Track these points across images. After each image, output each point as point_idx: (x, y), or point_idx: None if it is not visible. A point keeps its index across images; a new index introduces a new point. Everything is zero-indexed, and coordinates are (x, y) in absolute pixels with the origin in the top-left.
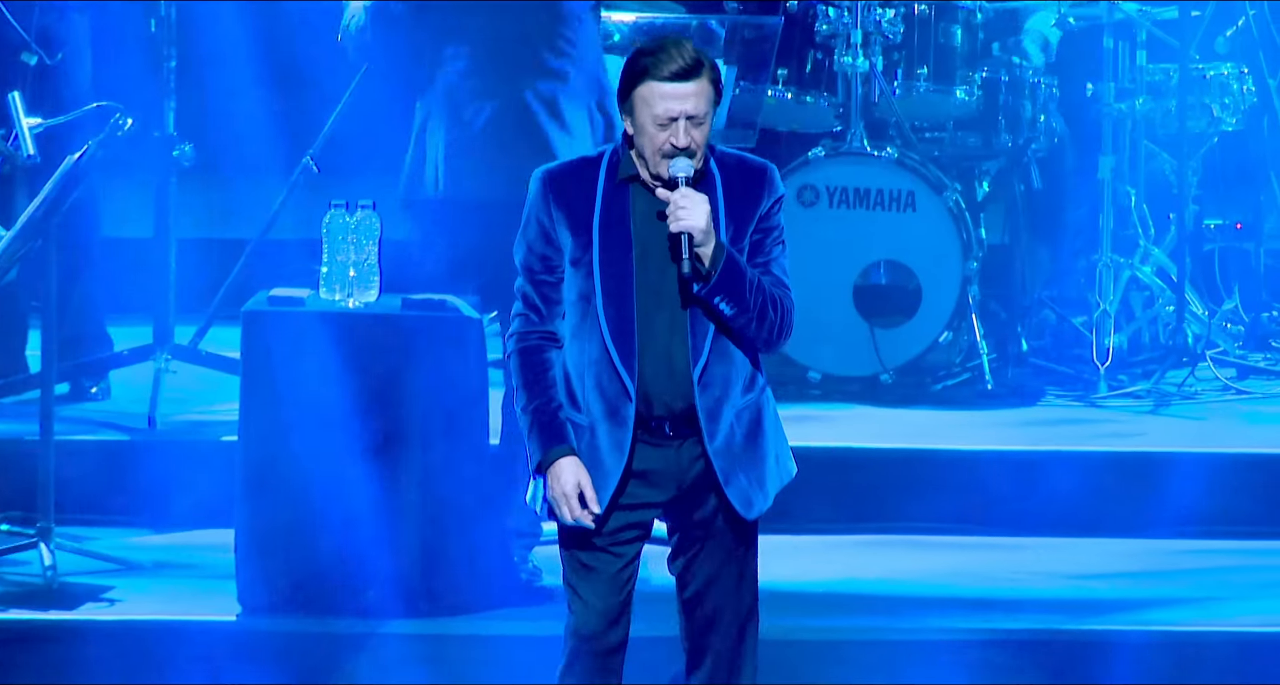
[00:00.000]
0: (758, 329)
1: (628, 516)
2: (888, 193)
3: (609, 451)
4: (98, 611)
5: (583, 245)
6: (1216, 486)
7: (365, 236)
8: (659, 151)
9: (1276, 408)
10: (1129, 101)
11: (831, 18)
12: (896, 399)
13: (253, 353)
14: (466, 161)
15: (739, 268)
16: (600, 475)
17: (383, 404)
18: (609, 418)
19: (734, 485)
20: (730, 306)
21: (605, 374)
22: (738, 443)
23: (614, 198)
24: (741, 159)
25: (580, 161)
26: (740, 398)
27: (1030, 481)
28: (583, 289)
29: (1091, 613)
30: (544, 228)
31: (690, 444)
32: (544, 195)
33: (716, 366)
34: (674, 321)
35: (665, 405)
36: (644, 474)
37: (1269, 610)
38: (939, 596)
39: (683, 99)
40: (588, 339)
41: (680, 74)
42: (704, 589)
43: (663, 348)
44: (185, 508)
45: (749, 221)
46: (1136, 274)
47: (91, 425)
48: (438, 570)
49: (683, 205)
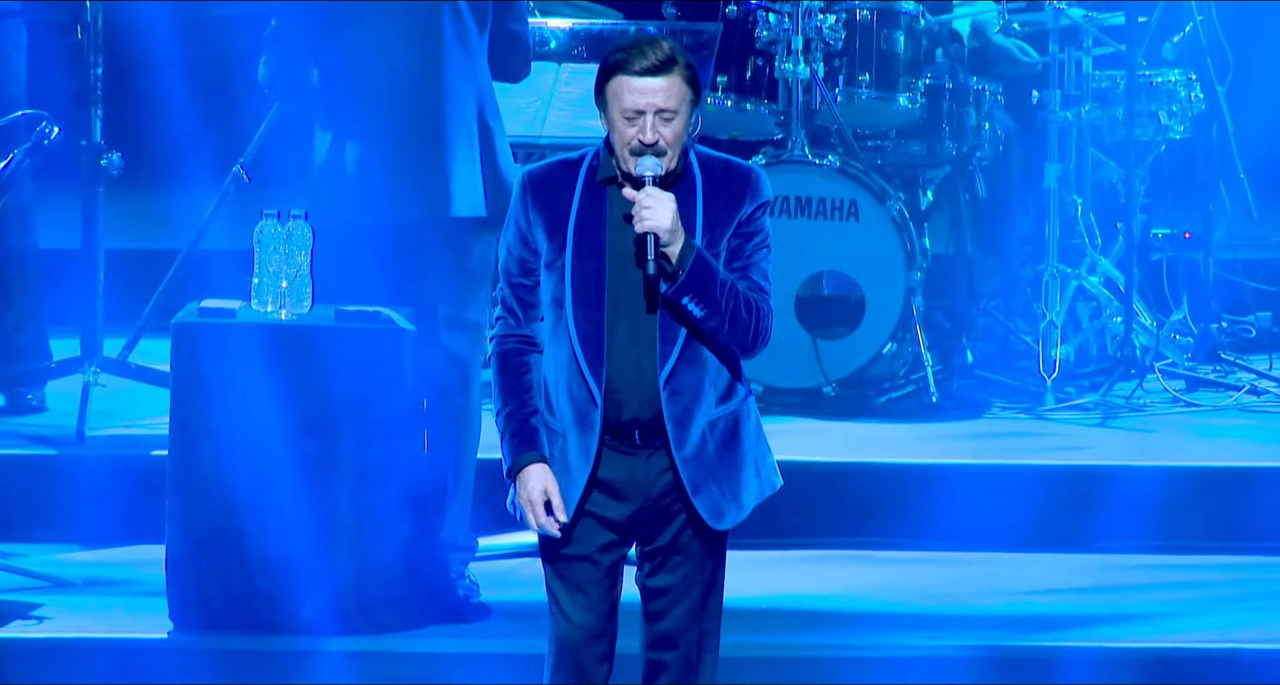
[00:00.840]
0: (731, 332)
1: (600, 527)
2: (830, 202)
3: (576, 458)
4: (26, 629)
5: (557, 248)
6: (1165, 500)
7: (297, 247)
8: (627, 146)
9: (1225, 420)
10: (1075, 108)
11: (771, 24)
12: (839, 412)
13: (183, 365)
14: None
15: (709, 268)
16: (568, 482)
17: (316, 417)
18: (578, 423)
19: (703, 494)
20: (700, 308)
21: (574, 380)
22: (710, 452)
23: (591, 200)
24: (727, 162)
25: (562, 162)
26: (715, 407)
27: (976, 495)
28: (555, 293)
29: (1039, 629)
30: (521, 230)
31: (659, 454)
32: (523, 197)
33: (687, 374)
34: (644, 326)
35: (633, 412)
36: (611, 483)
37: (1219, 626)
38: (882, 612)
39: (652, 93)
40: (560, 344)
41: (650, 69)
42: (668, 605)
43: (632, 353)
44: (115, 523)
45: (728, 225)
46: (1083, 284)
47: (19, 439)
48: (373, 585)
49: (647, 205)
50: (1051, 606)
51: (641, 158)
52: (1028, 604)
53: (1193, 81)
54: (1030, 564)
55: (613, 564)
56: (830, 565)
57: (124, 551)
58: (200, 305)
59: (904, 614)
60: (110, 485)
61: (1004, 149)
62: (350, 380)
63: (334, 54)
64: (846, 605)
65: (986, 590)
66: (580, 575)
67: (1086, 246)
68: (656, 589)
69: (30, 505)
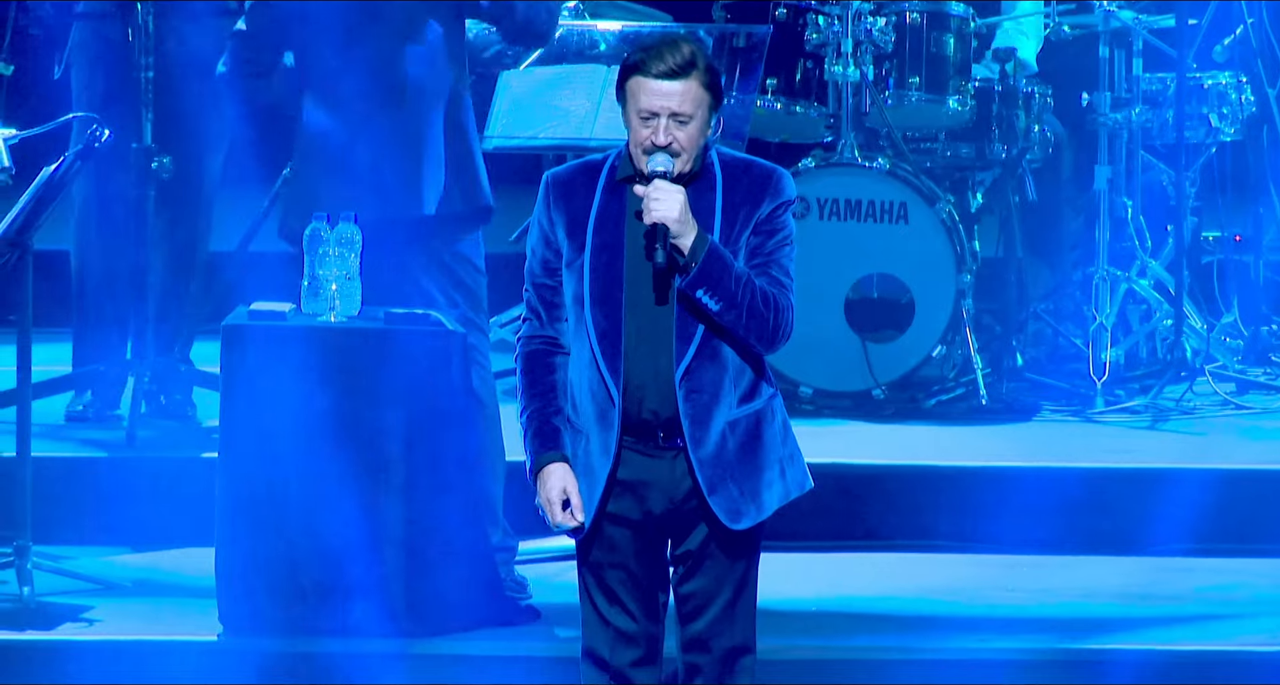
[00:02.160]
0: (749, 326)
1: (630, 531)
2: (879, 204)
3: (598, 456)
4: (76, 631)
5: (577, 247)
6: (1216, 503)
7: (347, 249)
8: (640, 146)
9: (1276, 423)
10: (1125, 111)
11: (821, 26)
12: (889, 414)
13: (233, 368)
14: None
15: (723, 261)
16: (590, 480)
17: (365, 419)
18: (599, 422)
19: (720, 494)
20: (715, 300)
21: (594, 378)
22: (730, 452)
23: (611, 199)
24: (750, 162)
25: (584, 164)
26: (736, 406)
27: (1026, 498)
28: (576, 291)
29: (1090, 631)
30: (544, 231)
31: (682, 458)
32: (545, 198)
33: (705, 371)
34: (662, 323)
35: (652, 410)
36: (636, 486)
37: (1270, 629)
38: (933, 615)
39: (667, 96)
40: (581, 343)
41: (668, 72)
42: (699, 607)
43: (650, 350)
44: (165, 526)
45: (747, 223)
46: (1133, 287)
47: (70, 442)
48: (422, 588)
49: (655, 197)
50: (1102, 609)
51: (653, 155)
52: (1078, 606)
53: (1243, 84)
54: (1080, 566)
55: (647, 568)
56: (880, 568)
57: (174, 554)
58: (250, 308)
59: (954, 616)
60: (160, 487)
61: (1054, 151)
62: (400, 382)
63: (308, 49)
64: (896, 608)
65: (1037, 592)
66: (613, 580)
67: (1136, 249)
68: (688, 592)
69: (81, 507)
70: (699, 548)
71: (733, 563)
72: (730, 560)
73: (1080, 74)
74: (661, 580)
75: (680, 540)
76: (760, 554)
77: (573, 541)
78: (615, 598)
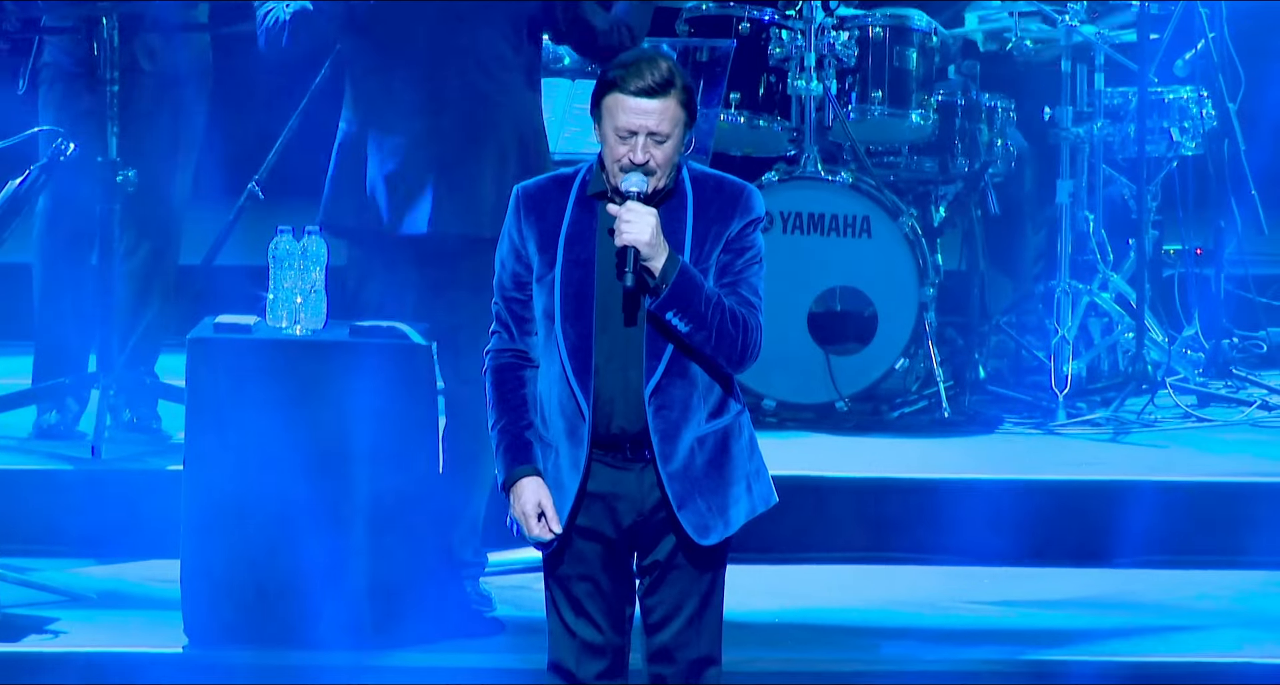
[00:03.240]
0: (718, 347)
1: (598, 544)
2: (842, 218)
3: (568, 470)
4: (42, 643)
5: (548, 262)
6: (1177, 515)
7: (312, 262)
8: (617, 163)
9: (1237, 435)
10: (1087, 125)
11: (785, 41)
12: (852, 427)
13: (198, 381)
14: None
15: (693, 282)
16: (560, 494)
17: (331, 432)
18: (569, 437)
19: (688, 509)
20: (684, 322)
21: (564, 393)
22: (697, 468)
23: (582, 214)
24: (721, 180)
25: (556, 178)
26: (705, 423)
27: (989, 510)
28: (546, 306)
29: (1052, 642)
30: (515, 244)
31: (650, 469)
32: (516, 212)
33: (674, 388)
34: (632, 340)
35: (620, 425)
36: (605, 498)
37: (1230, 641)
38: (895, 626)
39: (645, 114)
40: (552, 357)
41: (647, 90)
42: (664, 619)
43: (619, 366)
44: (130, 538)
45: (717, 241)
46: (1095, 300)
47: (35, 455)
48: (386, 600)
49: (627, 219)
50: (1063, 620)
51: (628, 174)
52: (1040, 617)
53: (1204, 98)
54: (1042, 578)
55: (614, 581)
56: (844, 579)
57: (139, 566)
58: (215, 321)
59: (916, 627)
60: (125, 500)
61: (1016, 165)
62: (365, 395)
63: (371, 47)
64: (858, 619)
65: (999, 604)
66: (580, 593)
67: (1098, 262)
68: (654, 603)
69: (46, 520)
70: (666, 559)
71: (699, 575)
72: (697, 572)
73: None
74: (628, 593)
75: (647, 552)
76: (726, 566)
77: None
78: (582, 610)
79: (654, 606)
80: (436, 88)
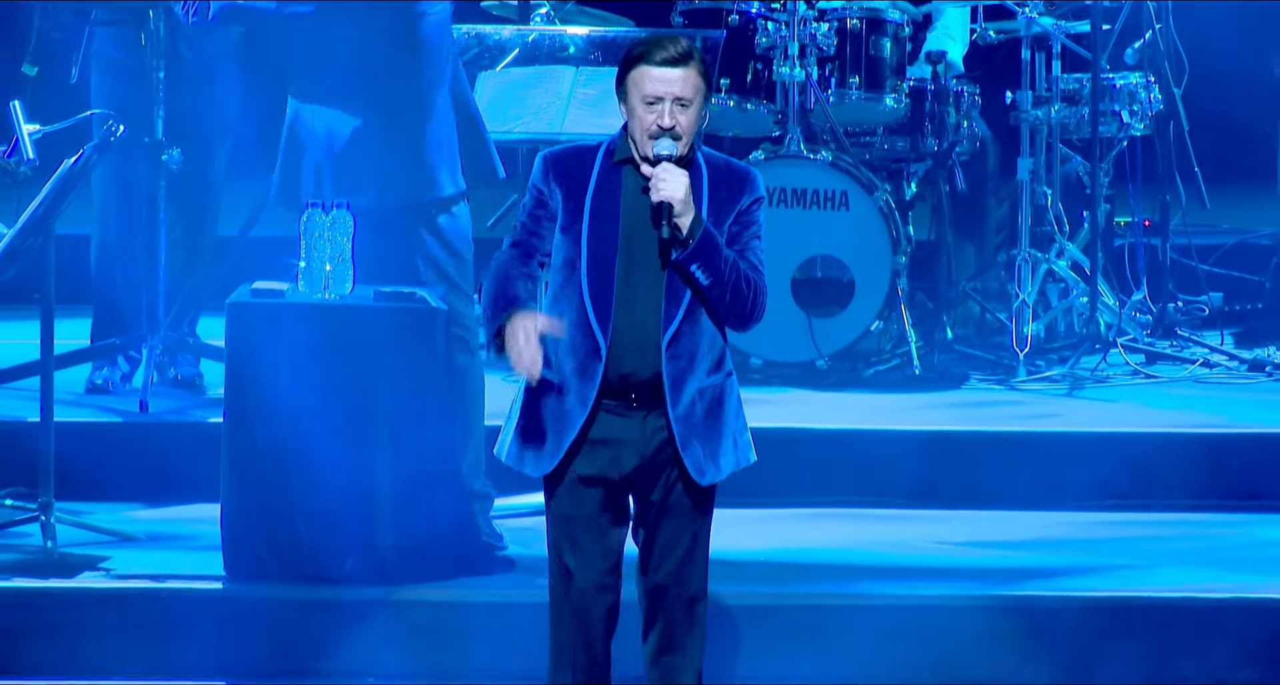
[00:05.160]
0: (731, 303)
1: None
2: (823, 193)
3: (574, 404)
4: (95, 580)
5: (573, 214)
6: (1128, 463)
7: (340, 234)
8: (647, 131)
9: (1181, 391)
10: (1045, 108)
11: (770, 31)
12: (831, 383)
13: (237, 341)
14: None
15: (715, 241)
16: (566, 424)
17: (356, 387)
18: (579, 375)
19: (690, 452)
20: (706, 275)
21: (580, 334)
22: (698, 416)
23: (608, 176)
24: (729, 162)
25: (580, 146)
26: (705, 376)
27: (956, 459)
28: (569, 255)
29: (1014, 579)
30: (542, 194)
31: (654, 416)
32: (544, 171)
33: (685, 340)
34: (651, 294)
35: (634, 372)
36: (610, 442)
37: (1178, 578)
38: (871, 564)
39: (670, 82)
40: (566, 303)
41: (670, 60)
42: (659, 559)
43: (638, 318)
44: (174, 484)
45: (728, 214)
46: (1052, 267)
47: (89, 409)
48: (409, 542)
49: (663, 178)
50: (1024, 559)
51: (659, 139)
52: (999, 558)
53: (1151, 84)
54: (1003, 520)
55: (611, 522)
56: (823, 522)
57: (183, 509)
58: (252, 286)
59: (891, 566)
60: (170, 449)
61: (980, 145)
62: (387, 354)
63: (306, 32)
64: (838, 557)
65: (962, 545)
66: (580, 533)
67: (1055, 233)
68: (650, 542)
69: (99, 468)
70: (661, 501)
71: (692, 516)
72: (690, 513)
73: (1004, 75)
74: (623, 533)
75: (645, 494)
76: (713, 512)
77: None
78: (580, 548)
79: (650, 545)
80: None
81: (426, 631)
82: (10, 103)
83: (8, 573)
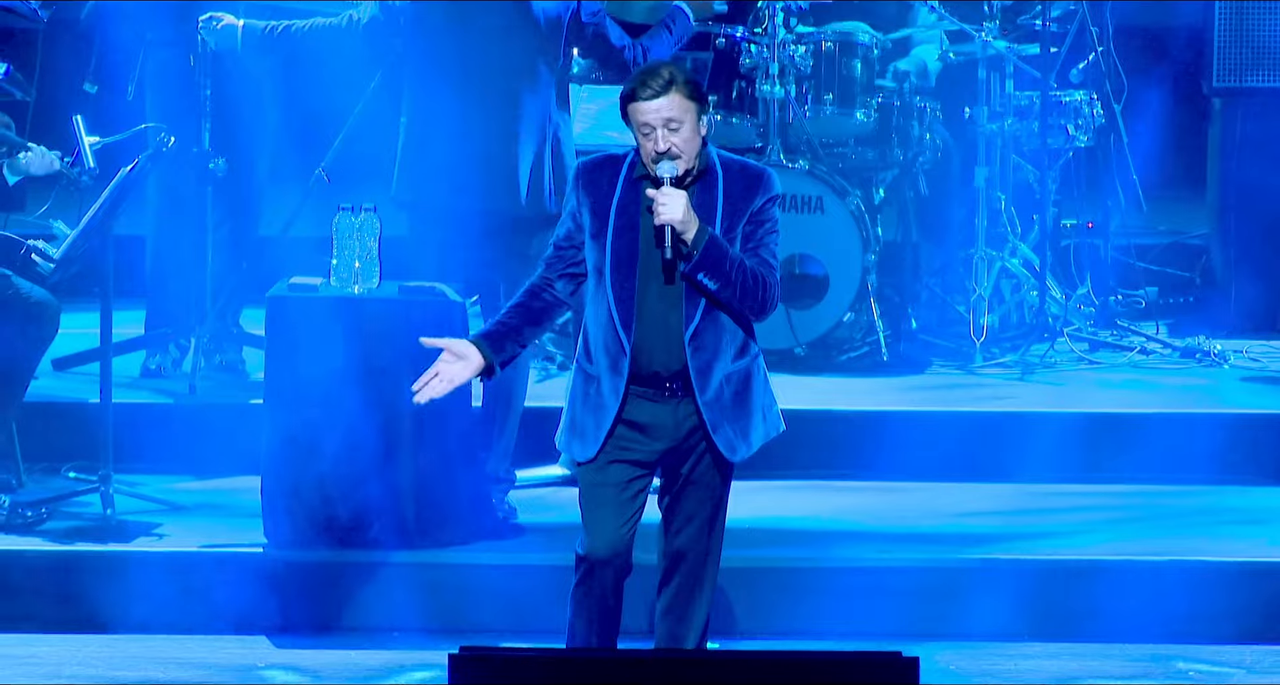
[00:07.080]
0: (742, 300)
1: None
2: (801, 197)
3: (609, 396)
4: (148, 544)
5: (600, 224)
6: (1074, 439)
7: (368, 234)
8: (649, 156)
9: (1121, 375)
10: (999, 122)
11: (753, 52)
12: (808, 368)
13: (276, 330)
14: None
15: (720, 248)
16: (600, 415)
17: (382, 373)
18: (611, 370)
19: (720, 433)
20: (713, 281)
21: (609, 334)
22: (726, 399)
23: (630, 190)
24: (744, 164)
25: (609, 157)
26: (731, 362)
27: (919, 436)
28: (596, 261)
29: (970, 544)
30: (573, 209)
31: (685, 403)
32: (576, 183)
33: (708, 333)
34: (670, 295)
35: (662, 364)
36: (644, 426)
37: (1112, 541)
38: (842, 531)
39: (655, 111)
40: (599, 304)
41: (653, 93)
42: (681, 526)
43: (660, 316)
44: (220, 459)
45: (743, 214)
46: (1006, 265)
47: (144, 391)
48: (429, 511)
49: (662, 202)
50: (980, 527)
51: (660, 163)
52: (960, 525)
53: (1094, 100)
54: (962, 492)
55: (635, 495)
56: (800, 494)
57: (227, 481)
58: (289, 281)
59: (860, 532)
60: (216, 428)
61: (942, 155)
62: (410, 342)
63: (426, 46)
64: (815, 525)
65: (928, 514)
66: (607, 503)
67: (1009, 234)
68: (675, 511)
69: (152, 444)
70: (687, 476)
71: (714, 489)
72: (713, 486)
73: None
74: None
75: (675, 469)
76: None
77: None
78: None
79: (674, 514)
80: (480, 94)
81: (444, 589)
82: (73, 117)
83: (71, 537)
